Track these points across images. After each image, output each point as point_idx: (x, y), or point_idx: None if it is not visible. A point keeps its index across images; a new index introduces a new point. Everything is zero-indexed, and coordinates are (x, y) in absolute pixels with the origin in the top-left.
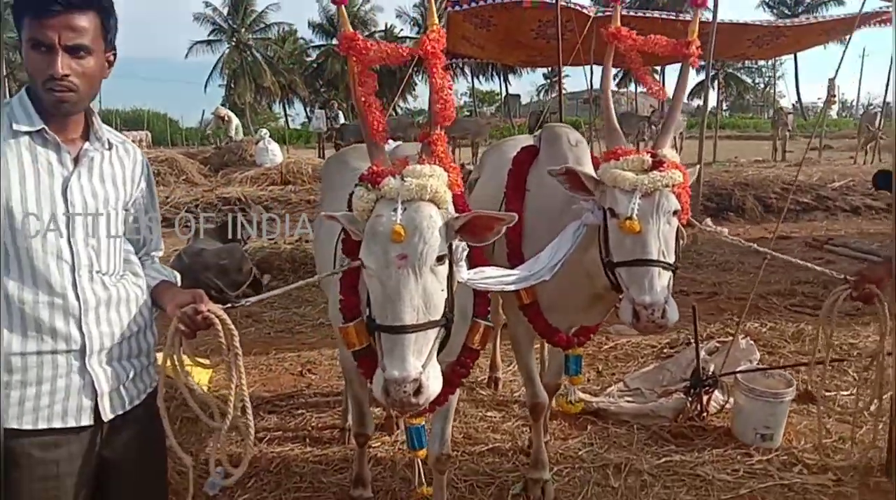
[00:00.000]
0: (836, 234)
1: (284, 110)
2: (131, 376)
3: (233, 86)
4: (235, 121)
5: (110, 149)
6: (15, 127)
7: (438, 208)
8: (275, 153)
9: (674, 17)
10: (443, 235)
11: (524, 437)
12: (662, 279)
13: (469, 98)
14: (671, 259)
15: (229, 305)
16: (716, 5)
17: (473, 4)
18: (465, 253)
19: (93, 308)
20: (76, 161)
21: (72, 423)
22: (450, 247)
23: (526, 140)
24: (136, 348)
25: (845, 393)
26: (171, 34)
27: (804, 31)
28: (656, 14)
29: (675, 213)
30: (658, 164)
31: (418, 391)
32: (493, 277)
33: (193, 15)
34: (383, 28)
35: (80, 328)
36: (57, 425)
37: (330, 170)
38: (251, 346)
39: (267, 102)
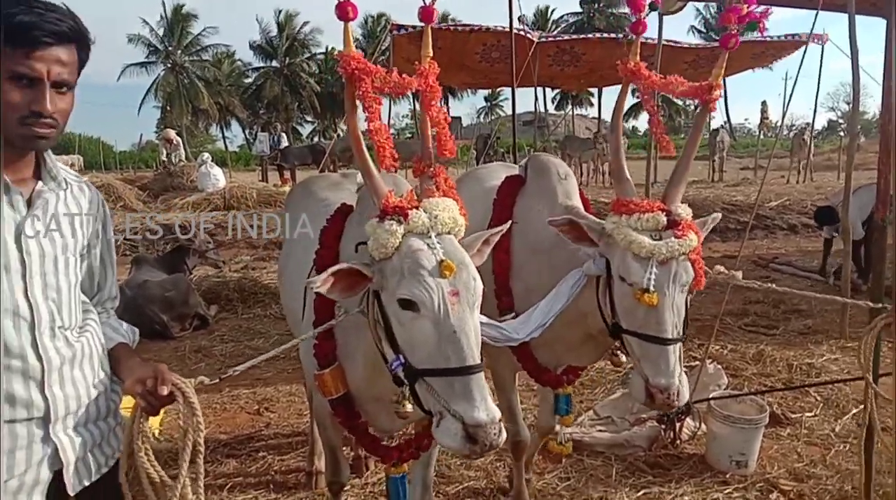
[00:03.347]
0: (778, 252)
1: (222, 133)
2: (98, 441)
3: (168, 108)
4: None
5: (66, 189)
6: None
7: None
8: (217, 178)
9: (616, 37)
10: None
11: (500, 473)
12: (677, 356)
13: (411, 120)
14: (682, 329)
15: (217, 379)
16: (660, 27)
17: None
18: None
19: (56, 369)
20: (29, 204)
21: None
22: None
23: (503, 168)
24: (104, 408)
25: (810, 415)
26: (100, 56)
27: (738, 55)
28: (596, 35)
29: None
30: (673, 225)
31: (499, 432)
32: (487, 327)
33: (127, 36)
34: (324, 50)
35: (42, 393)
36: None
37: (295, 200)
38: None
39: (204, 125)
